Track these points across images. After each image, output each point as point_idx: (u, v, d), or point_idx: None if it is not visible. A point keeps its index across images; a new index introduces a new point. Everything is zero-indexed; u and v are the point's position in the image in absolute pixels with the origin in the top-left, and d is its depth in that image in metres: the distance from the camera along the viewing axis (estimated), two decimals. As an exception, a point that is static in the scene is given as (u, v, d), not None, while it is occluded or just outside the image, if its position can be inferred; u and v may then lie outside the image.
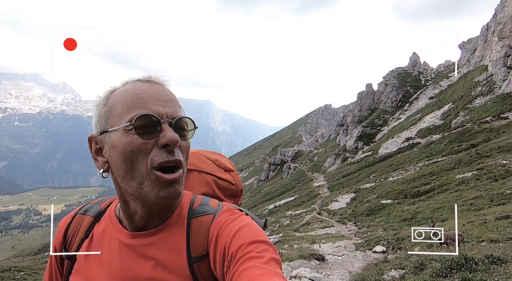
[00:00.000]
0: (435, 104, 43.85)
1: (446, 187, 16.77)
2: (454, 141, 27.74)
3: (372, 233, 11.51)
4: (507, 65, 37.63)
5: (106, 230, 0.63)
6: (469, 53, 49.73)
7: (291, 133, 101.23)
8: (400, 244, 8.11)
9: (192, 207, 0.63)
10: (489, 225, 8.09)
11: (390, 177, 25.10)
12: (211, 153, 0.83)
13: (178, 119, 0.56)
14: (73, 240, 0.66)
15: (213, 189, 0.74)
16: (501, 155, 18.94)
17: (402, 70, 59.67)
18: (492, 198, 12.23)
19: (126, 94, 0.56)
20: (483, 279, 2.87)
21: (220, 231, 0.57)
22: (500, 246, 5.05)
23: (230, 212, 0.61)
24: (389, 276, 3.36)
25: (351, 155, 46.65)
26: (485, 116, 30.04)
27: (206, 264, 0.57)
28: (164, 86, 0.60)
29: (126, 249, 0.60)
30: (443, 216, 11.90)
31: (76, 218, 0.69)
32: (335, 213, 19.33)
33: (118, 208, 0.64)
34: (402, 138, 38.23)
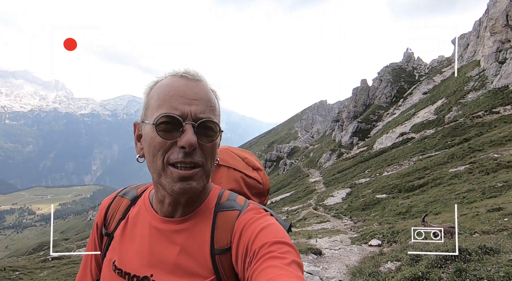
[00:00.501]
0: (429, 99, 44.34)
1: (439, 181, 17.05)
2: (447, 136, 28.14)
3: (367, 227, 11.67)
4: (499, 60, 38.14)
5: (139, 213, 0.68)
6: (462, 48, 50.24)
7: (287, 130, 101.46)
8: (395, 237, 8.24)
9: (220, 201, 0.65)
10: (481, 217, 8.26)
11: (385, 172, 25.40)
12: (241, 150, 0.85)
13: (202, 122, 0.57)
14: (112, 219, 0.71)
15: (241, 186, 0.77)
16: (493, 148, 19.30)
17: (397, 66, 60.06)
18: (484, 191, 12.49)
19: (161, 89, 0.59)
20: (477, 269, 2.94)
21: (245, 228, 0.59)
22: (492, 237, 5.17)
23: (256, 210, 0.62)
24: (386, 268, 3.42)
25: (346, 150, 47.02)
26: (478, 111, 30.50)
27: (227, 258, 0.59)
28: (199, 82, 0.60)
29: (156, 232, 0.63)
30: (436, 210, 12.12)
31: (116, 200, 0.74)
32: (331, 208, 19.53)
33: (152, 194, 0.68)
34: (397, 134, 38.65)
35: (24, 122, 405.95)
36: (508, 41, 38.99)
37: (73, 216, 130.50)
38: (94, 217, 60.51)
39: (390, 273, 3.27)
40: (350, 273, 3.73)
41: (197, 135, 0.56)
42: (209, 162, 0.59)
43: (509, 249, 3.41)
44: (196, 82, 0.60)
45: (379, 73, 59.14)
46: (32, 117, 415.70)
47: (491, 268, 2.89)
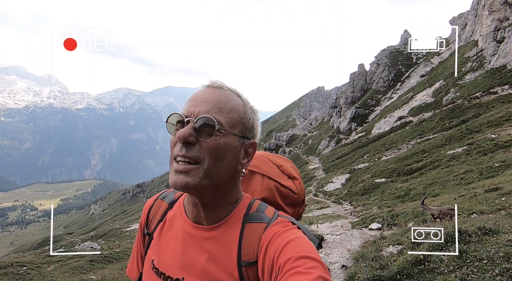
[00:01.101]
0: (427, 82, 44.06)
1: (437, 163, 17.21)
2: (445, 118, 28.18)
3: (367, 212, 11.85)
4: (497, 40, 37.66)
5: (175, 217, 0.71)
6: (460, 28, 49.44)
7: (285, 118, 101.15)
8: (395, 220, 8.39)
9: (249, 212, 0.66)
10: (479, 197, 8.38)
11: (383, 156, 25.57)
12: (277, 157, 0.85)
13: (200, 118, 0.59)
14: (152, 220, 0.76)
15: (274, 195, 0.76)
16: (490, 129, 19.39)
17: (394, 49, 59.25)
18: (481, 171, 12.63)
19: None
20: (477, 250, 2.99)
21: (271, 242, 0.58)
22: (490, 217, 5.26)
23: (283, 224, 0.62)
24: (388, 251, 3.48)
25: (345, 136, 47.12)
26: (475, 92, 30.41)
27: (254, 271, 0.59)
28: (217, 89, 0.64)
29: (188, 237, 0.66)
30: (434, 191, 12.29)
31: (157, 202, 0.78)
32: (331, 194, 19.77)
33: (186, 199, 0.71)
34: (395, 118, 38.65)
35: (20, 119, 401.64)
36: (507, 20, 38.35)
37: (76, 210, 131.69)
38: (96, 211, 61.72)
39: (392, 256, 3.32)
40: (353, 258, 3.80)
41: (197, 132, 0.59)
42: (210, 161, 0.59)
43: (507, 229, 3.46)
44: (213, 89, 0.64)
45: (376, 57, 58.42)
46: (28, 114, 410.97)
47: (491, 249, 2.94)
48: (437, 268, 2.76)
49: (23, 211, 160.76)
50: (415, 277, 2.73)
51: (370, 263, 3.29)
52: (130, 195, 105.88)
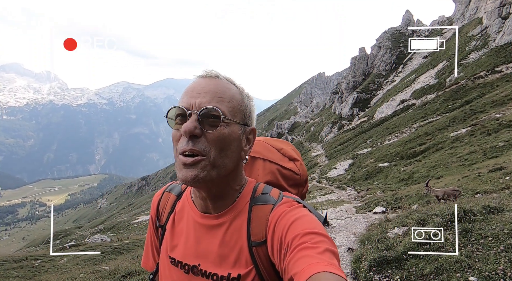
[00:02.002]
0: (429, 63, 43.20)
1: (441, 145, 17.15)
2: (448, 99, 27.83)
3: (371, 196, 11.94)
4: (502, 16, 36.51)
5: (184, 208, 0.73)
6: (464, 6, 47.92)
7: (286, 106, 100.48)
8: (399, 203, 8.45)
9: (255, 195, 0.68)
10: (483, 177, 8.39)
11: (386, 141, 25.50)
12: (277, 141, 0.87)
13: (203, 109, 0.59)
14: (163, 213, 0.78)
15: (277, 178, 0.78)
16: (495, 109, 19.15)
17: (396, 31, 57.82)
18: (485, 151, 12.58)
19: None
20: (482, 228, 3.02)
21: (278, 221, 0.61)
22: (494, 196, 5.28)
23: (289, 203, 0.64)
24: (393, 233, 3.53)
25: (347, 122, 46.87)
26: (479, 72, 29.82)
27: (264, 250, 0.62)
28: (213, 79, 0.64)
29: (199, 226, 0.68)
30: (438, 173, 12.31)
31: (164, 195, 0.80)
32: (335, 180, 19.89)
33: (193, 190, 0.72)
34: (397, 101, 38.23)
35: (22, 116, 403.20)
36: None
37: (83, 205, 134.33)
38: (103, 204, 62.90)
39: (397, 238, 3.37)
40: (359, 241, 3.87)
41: (200, 124, 0.59)
42: (216, 152, 0.59)
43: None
44: (209, 79, 0.63)
45: (377, 39, 57.12)
46: (29, 111, 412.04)
47: (496, 226, 2.97)
48: (442, 247, 2.81)
49: (32, 207, 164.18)
50: (421, 256, 2.78)
51: (376, 245, 3.35)
52: (136, 188, 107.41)
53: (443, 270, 2.47)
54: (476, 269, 2.36)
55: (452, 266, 2.46)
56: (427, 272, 2.53)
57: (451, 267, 2.45)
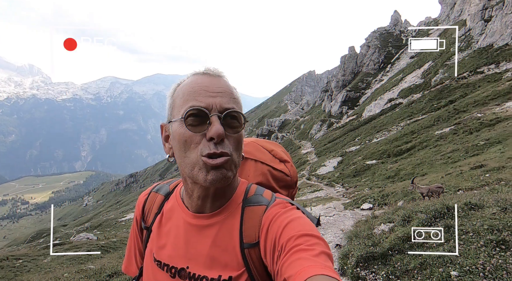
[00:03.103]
0: (416, 63, 44.25)
1: (426, 144, 17.65)
2: (433, 99, 28.62)
3: (359, 193, 12.18)
4: (485, 19, 37.75)
5: (173, 208, 0.71)
6: (449, 8, 49.24)
7: (277, 103, 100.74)
8: (385, 200, 8.67)
9: (247, 196, 0.67)
10: (465, 175, 8.70)
11: (374, 139, 26.02)
12: (267, 142, 0.86)
13: (228, 112, 0.59)
14: (149, 214, 0.75)
15: (268, 179, 0.78)
16: (477, 108, 19.85)
17: (384, 31, 58.79)
18: (467, 150, 13.05)
19: (185, 87, 0.62)
20: (463, 224, 3.13)
21: (271, 222, 0.60)
22: (475, 193, 5.49)
23: (282, 205, 0.63)
24: (379, 230, 3.62)
25: (336, 120, 47.49)
26: (463, 72, 30.80)
27: (256, 252, 0.61)
28: (220, 77, 0.63)
29: (189, 227, 0.66)
30: (423, 171, 12.68)
31: (151, 195, 0.78)
32: (324, 177, 20.16)
33: (183, 190, 0.70)
34: (385, 100, 39.02)
35: (2, 111, 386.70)
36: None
37: (69, 202, 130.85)
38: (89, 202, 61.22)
39: (384, 234, 3.46)
40: (347, 237, 3.94)
41: (223, 126, 0.58)
42: (236, 153, 0.60)
43: (491, 204, 3.62)
44: (217, 78, 0.63)
45: (366, 39, 57.94)
46: (10, 106, 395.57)
47: (476, 222, 3.09)
48: (426, 243, 2.90)
49: (14, 205, 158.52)
50: (405, 252, 2.86)
51: (363, 241, 3.42)
52: (124, 185, 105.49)
53: (426, 265, 2.55)
54: (457, 263, 2.45)
55: (435, 261, 2.54)
56: (411, 267, 2.61)
57: (434, 263, 2.53)
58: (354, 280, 2.94)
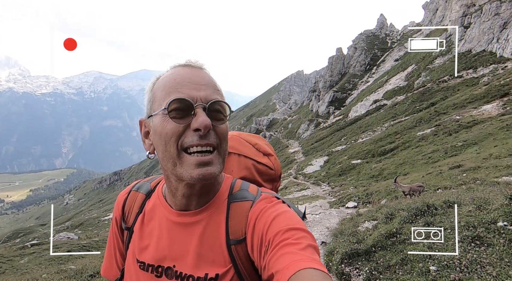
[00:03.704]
0: (400, 66, 45.60)
1: (408, 144, 18.27)
2: (416, 101, 29.63)
3: (344, 191, 12.45)
4: (464, 25, 39.40)
5: (155, 207, 0.69)
6: (432, 13, 51.02)
7: (265, 102, 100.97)
8: (369, 198, 8.91)
9: (232, 191, 0.66)
10: (444, 174, 9.09)
11: (359, 139, 26.63)
12: (251, 136, 0.84)
13: (212, 103, 0.57)
14: (129, 213, 0.72)
15: (252, 173, 0.77)
16: (456, 111, 20.74)
17: (370, 33, 60.15)
18: (446, 150, 13.63)
19: (166, 80, 0.60)
20: (442, 221, 3.27)
21: (258, 218, 0.59)
22: (453, 191, 5.75)
23: (268, 199, 0.63)
24: (364, 227, 3.73)
25: (323, 120, 48.21)
26: (443, 76, 32.06)
27: (243, 248, 0.60)
28: (202, 70, 0.62)
29: (173, 225, 0.64)
30: (405, 170, 13.12)
31: (131, 194, 0.74)
32: (310, 176, 20.44)
33: (165, 188, 0.68)
34: (370, 101, 39.99)
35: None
36: (473, 6, 40.09)
37: (48, 201, 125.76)
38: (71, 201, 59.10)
39: (368, 231, 3.57)
40: (332, 235, 4.03)
41: (209, 117, 0.56)
42: (224, 145, 0.59)
43: (468, 202, 3.81)
44: (200, 70, 0.61)
45: (353, 41, 59.09)
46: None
47: (454, 219, 3.24)
48: (407, 239, 3.02)
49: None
50: (388, 249, 2.96)
51: (348, 238, 3.51)
52: (107, 183, 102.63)
53: (407, 261, 2.66)
54: (436, 259, 2.56)
55: (416, 257, 2.65)
56: (393, 263, 2.70)
57: (414, 258, 2.64)
58: (338, 276, 3.02)
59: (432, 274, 2.38)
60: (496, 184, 5.38)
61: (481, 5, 37.75)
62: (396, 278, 2.50)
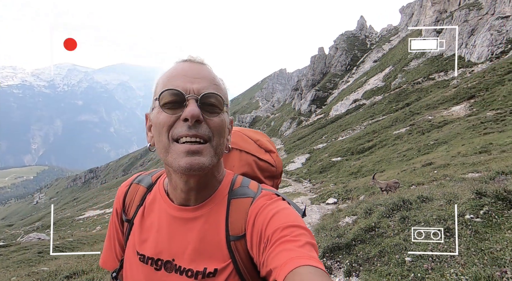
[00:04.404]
0: (378, 67, 47.33)
1: (385, 142, 19.10)
2: (392, 101, 30.95)
3: (324, 188, 12.80)
4: (437, 30, 41.61)
5: (155, 200, 0.69)
6: (408, 17, 53.31)
7: (248, 99, 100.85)
8: (349, 194, 9.24)
9: (233, 188, 0.66)
10: (417, 171, 9.60)
11: (339, 137, 27.41)
12: (253, 132, 0.85)
13: (205, 95, 0.57)
14: (130, 206, 0.73)
15: (254, 169, 0.77)
16: (428, 111, 21.93)
17: (351, 34, 61.79)
18: (419, 149, 14.41)
19: (165, 74, 0.61)
20: (416, 215, 3.48)
21: (258, 214, 0.59)
22: (426, 187, 6.11)
23: (268, 196, 0.63)
24: (344, 222, 3.88)
25: (305, 118, 49.03)
26: (418, 78, 33.73)
27: (242, 244, 0.60)
28: (201, 64, 0.62)
29: (173, 220, 0.64)
30: (382, 168, 13.72)
31: (132, 186, 0.75)
32: (292, 173, 20.78)
33: (167, 182, 0.68)
34: (350, 101, 41.21)
35: None
36: (445, 12, 42.44)
37: (15, 200, 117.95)
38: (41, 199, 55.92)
39: (348, 226, 3.72)
40: (314, 230, 4.15)
41: (201, 109, 0.56)
42: (217, 139, 0.58)
43: (439, 197, 4.07)
44: (198, 65, 0.61)
45: (335, 41, 60.44)
46: None
47: (427, 213, 3.46)
48: (385, 232, 3.18)
49: None
50: (367, 242, 3.11)
51: (329, 233, 3.63)
52: (82, 181, 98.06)
53: (385, 253, 2.81)
54: (411, 250, 2.73)
55: (392, 249, 2.81)
56: (372, 255, 2.85)
57: (391, 250, 2.80)
58: (320, 269, 3.11)
59: (408, 264, 2.53)
60: (463, 180, 5.79)
61: (452, 12, 40.04)
62: (374, 269, 2.64)
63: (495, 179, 5.09)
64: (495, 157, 8.29)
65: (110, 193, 56.38)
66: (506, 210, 3.15)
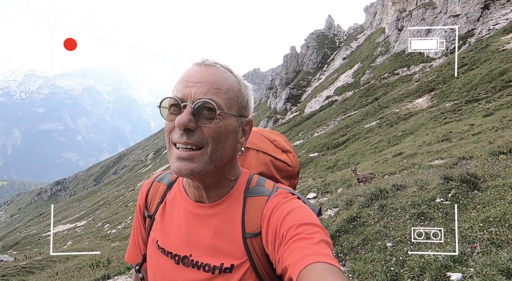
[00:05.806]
0: (347, 64, 49.31)
1: (358, 136, 19.98)
2: (362, 96, 32.45)
3: (304, 183, 13.08)
4: (398, 28, 44.28)
5: (175, 198, 0.72)
6: (372, 16, 56.13)
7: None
8: (327, 188, 9.54)
9: (249, 186, 0.68)
10: (388, 161, 10.17)
11: (315, 133, 28.18)
12: (270, 132, 0.86)
13: (199, 101, 0.57)
14: (152, 202, 0.76)
15: (270, 169, 0.78)
16: (395, 104, 23.30)
17: (320, 33, 63.69)
18: (389, 140, 15.27)
19: (178, 78, 0.64)
20: (393, 202, 3.69)
21: (273, 212, 0.61)
22: (398, 176, 6.49)
23: (283, 195, 0.64)
24: (327, 215, 4.00)
25: (281, 116, 49.75)
26: (384, 73, 35.67)
27: (258, 241, 0.62)
28: (211, 67, 0.62)
29: (191, 216, 0.67)
30: (356, 160, 14.33)
31: (154, 184, 0.78)
32: (271, 171, 20.99)
33: (185, 180, 0.72)
34: (323, 97, 42.50)
35: None
36: (405, 11, 45.31)
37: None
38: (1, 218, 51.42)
39: (331, 218, 3.84)
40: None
41: (195, 116, 0.57)
42: (213, 145, 0.58)
43: (411, 184, 4.35)
44: (207, 67, 0.61)
45: (306, 40, 61.93)
46: None
47: (402, 200, 3.67)
48: (366, 221, 3.33)
49: None
50: (350, 232, 3.24)
51: (313, 227, 3.71)
52: (48, 195, 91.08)
53: (367, 241, 2.94)
54: (391, 236, 2.89)
55: (374, 236, 2.95)
56: (356, 244, 2.97)
57: (373, 238, 2.93)
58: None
59: (389, 250, 2.67)
60: (430, 167, 6.23)
61: (410, 11, 42.83)
62: (359, 257, 2.75)
63: (458, 164, 5.54)
64: (455, 144, 9.04)
65: (81, 204, 53.04)
66: (470, 191, 3.44)
